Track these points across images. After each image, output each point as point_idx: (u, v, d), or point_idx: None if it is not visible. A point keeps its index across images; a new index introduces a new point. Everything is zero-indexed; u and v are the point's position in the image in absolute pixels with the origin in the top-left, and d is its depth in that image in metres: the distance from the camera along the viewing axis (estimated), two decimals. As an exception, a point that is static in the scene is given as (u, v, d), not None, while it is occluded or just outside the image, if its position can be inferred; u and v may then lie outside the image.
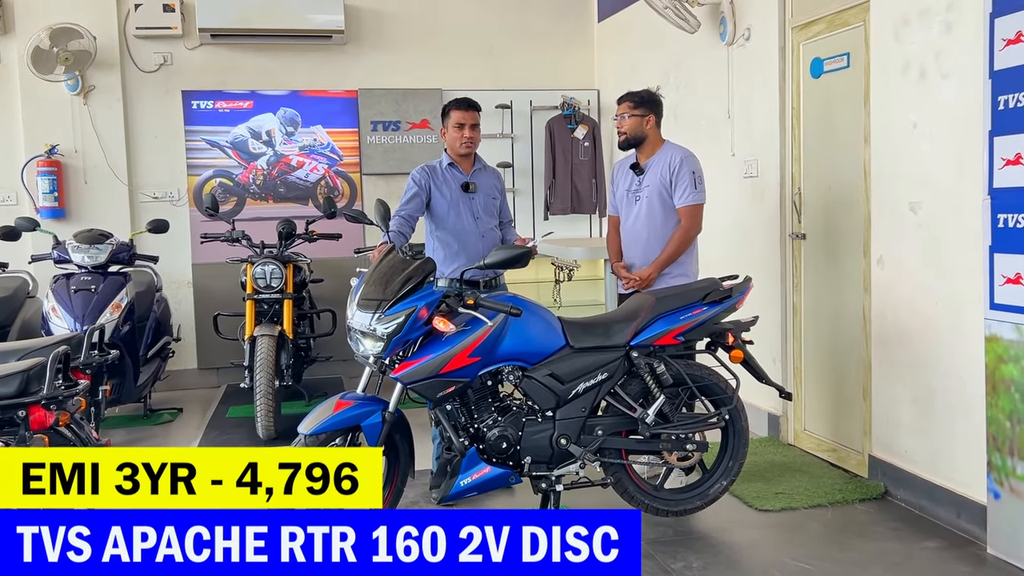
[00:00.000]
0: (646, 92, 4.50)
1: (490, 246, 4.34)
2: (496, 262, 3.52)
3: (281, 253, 5.80)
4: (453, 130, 4.41)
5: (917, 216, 4.01)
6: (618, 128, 4.48)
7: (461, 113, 4.41)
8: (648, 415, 3.71)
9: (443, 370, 3.46)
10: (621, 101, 4.46)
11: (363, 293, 3.51)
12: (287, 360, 5.61)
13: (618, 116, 4.47)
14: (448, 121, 4.43)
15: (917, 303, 4.03)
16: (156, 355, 6.20)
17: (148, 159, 7.12)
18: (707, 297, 3.84)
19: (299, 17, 7.00)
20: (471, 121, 4.42)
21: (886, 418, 4.27)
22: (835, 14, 4.61)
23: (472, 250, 4.36)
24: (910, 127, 4.02)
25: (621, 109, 4.46)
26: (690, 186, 4.33)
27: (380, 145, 7.36)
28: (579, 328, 3.75)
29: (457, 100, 4.45)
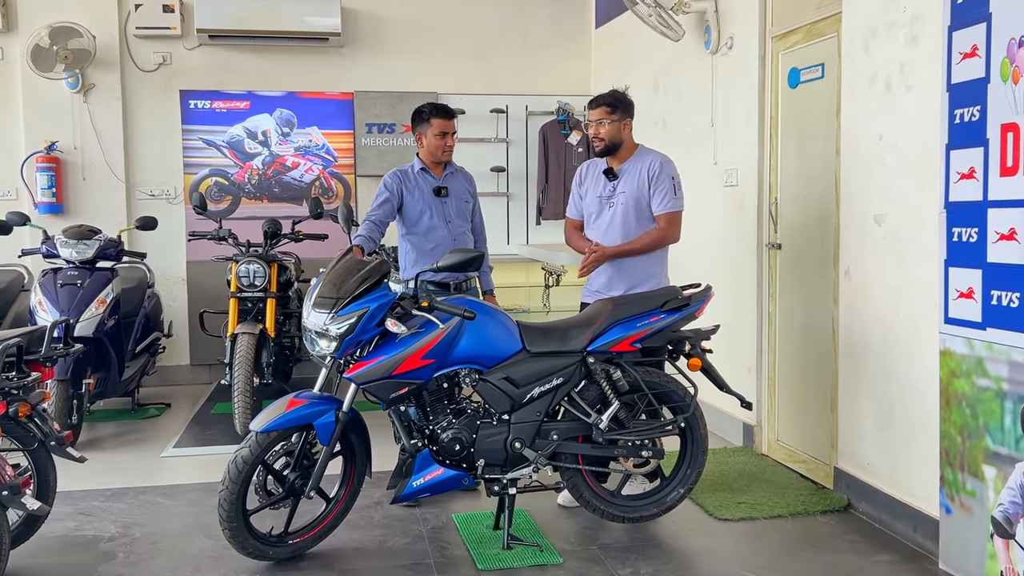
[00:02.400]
0: (620, 94, 4.34)
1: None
2: (448, 265, 3.55)
3: (266, 252, 5.86)
4: (434, 138, 4.40)
5: (882, 228, 3.99)
6: (594, 135, 4.30)
7: (444, 122, 4.40)
8: (602, 421, 3.72)
9: (395, 371, 3.49)
10: (594, 106, 4.28)
11: (319, 292, 3.55)
12: (268, 358, 5.67)
13: (593, 122, 4.30)
14: (428, 129, 4.39)
15: (881, 315, 4.02)
16: (145, 350, 6.29)
17: (145, 157, 7.22)
18: (666, 304, 3.85)
19: (296, 19, 7.08)
20: (452, 129, 4.43)
21: (851, 430, 4.26)
22: (812, 24, 4.60)
23: (444, 253, 4.38)
24: (876, 139, 4.01)
25: (597, 115, 4.26)
26: (670, 192, 4.19)
27: (375, 147, 7.42)
28: (536, 333, 3.77)
29: (437, 107, 4.42)
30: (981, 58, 3.25)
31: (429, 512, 4.23)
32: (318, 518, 3.75)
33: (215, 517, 4.13)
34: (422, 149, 4.48)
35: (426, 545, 3.84)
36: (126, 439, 5.62)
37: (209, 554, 3.77)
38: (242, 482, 3.42)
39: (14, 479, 3.03)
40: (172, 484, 4.68)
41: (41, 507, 3.09)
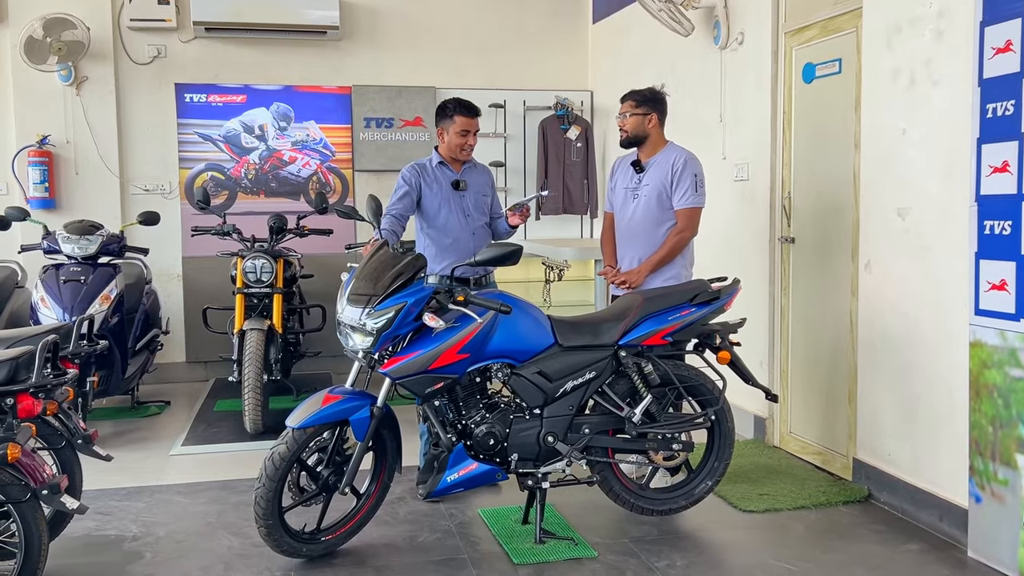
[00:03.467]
0: (649, 91, 4.45)
1: (481, 243, 4.34)
2: (487, 259, 3.53)
3: (272, 248, 5.80)
4: (456, 135, 4.36)
5: (905, 222, 4.04)
6: (620, 126, 4.43)
7: (467, 120, 4.36)
8: (635, 414, 3.73)
9: (432, 366, 3.47)
10: (624, 100, 4.43)
11: (353, 288, 3.52)
12: (276, 355, 5.61)
13: (620, 115, 4.43)
14: (451, 125, 4.36)
15: (904, 308, 4.06)
16: (144, 347, 6.19)
17: (140, 151, 7.11)
18: (695, 298, 3.86)
19: (294, 12, 7.00)
20: (475, 128, 4.40)
21: (871, 422, 4.31)
22: (828, 19, 4.64)
23: (463, 247, 4.37)
24: (899, 133, 4.06)
25: (623, 108, 4.41)
26: (691, 188, 4.28)
27: (373, 142, 7.37)
28: (568, 327, 3.77)
29: (463, 104, 4.38)
30: (1016, 53, 3.29)
31: (454, 508, 4.21)
32: (348, 514, 3.72)
33: (238, 515, 4.13)
34: (442, 144, 4.44)
35: (457, 540, 3.82)
36: (130, 438, 5.53)
37: (237, 552, 3.72)
38: (279, 479, 3.38)
39: (53, 478, 2.97)
40: (188, 483, 4.61)
41: (81, 506, 3.02)
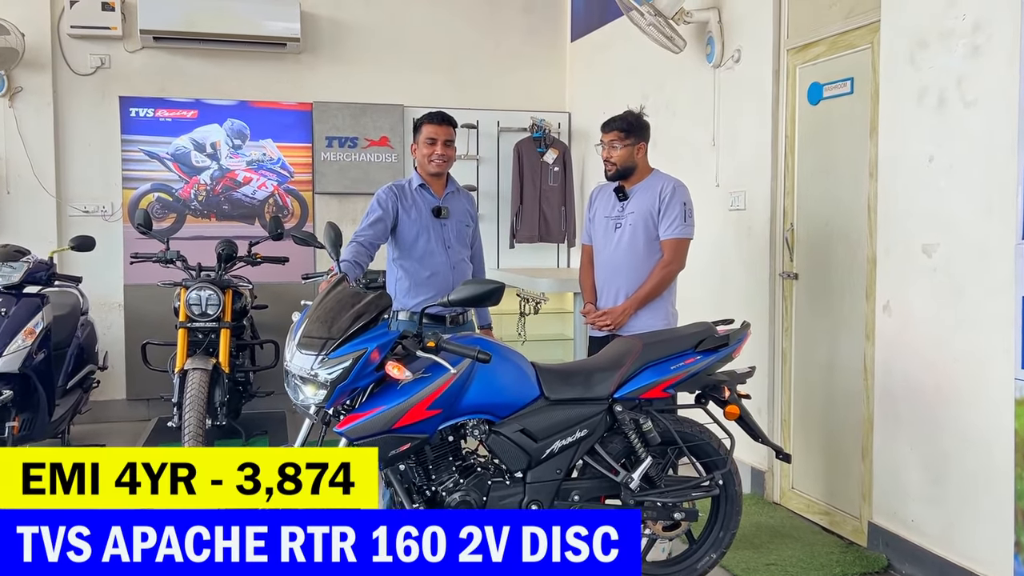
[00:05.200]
0: (633, 118, 4.08)
1: (461, 278, 3.90)
2: (462, 299, 3.02)
3: (220, 277, 5.24)
4: (424, 146, 3.92)
5: (932, 259, 3.60)
6: (606, 158, 4.06)
7: (433, 127, 3.92)
8: (633, 479, 3.21)
9: (397, 424, 2.94)
10: (608, 129, 4.04)
11: (305, 331, 2.98)
12: (221, 397, 5.03)
13: (605, 144, 4.05)
14: (419, 136, 3.94)
15: (930, 356, 3.61)
16: (77, 385, 5.59)
17: (80, 170, 6.53)
18: (701, 344, 3.38)
19: (251, 22, 6.49)
20: (444, 136, 3.93)
21: (890, 482, 3.84)
22: (838, 35, 4.22)
23: (441, 282, 3.88)
24: (925, 160, 3.62)
25: (609, 138, 4.02)
26: (679, 218, 3.95)
27: (335, 162, 6.84)
28: (556, 376, 3.26)
29: (430, 113, 3.96)
30: (1075, 69, 2.87)
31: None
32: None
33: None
34: (416, 161, 4.02)
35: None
36: (55, 489, 4.90)
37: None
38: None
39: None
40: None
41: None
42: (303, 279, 6.06)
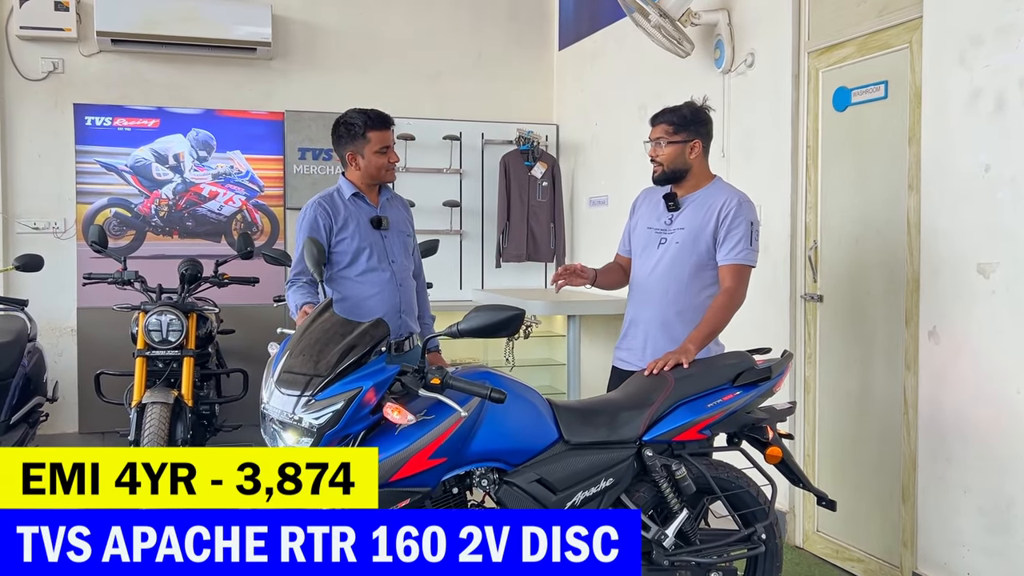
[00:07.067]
0: (689, 110, 3.45)
1: (409, 297, 3.55)
2: (475, 328, 2.58)
3: (182, 300, 4.75)
4: (375, 156, 3.46)
5: (989, 280, 3.22)
6: (652, 157, 3.43)
7: (384, 134, 3.48)
8: (667, 536, 2.78)
9: (395, 476, 2.49)
10: (656, 122, 3.44)
11: (286, 366, 2.53)
12: (184, 433, 4.52)
13: (652, 142, 3.42)
14: (365, 145, 3.46)
15: (988, 389, 3.23)
16: (23, 420, 5.05)
17: (29, 183, 6.01)
18: (739, 378, 2.96)
19: (218, 25, 6.03)
20: (393, 141, 3.54)
21: (939, 529, 3.44)
22: (869, 35, 3.86)
23: (388, 302, 3.45)
24: (981, 170, 3.25)
25: (656, 133, 3.41)
26: (745, 240, 3.26)
27: (308, 175, 6.40)
28: (576, 416, 2.83)
29: (371, 117, 3.48)
30: None
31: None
32: None
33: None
34: (355, 171, 3.53)
35: None
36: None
37: None
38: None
39: None
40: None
41: None
42: (275, 301, 5.64)
